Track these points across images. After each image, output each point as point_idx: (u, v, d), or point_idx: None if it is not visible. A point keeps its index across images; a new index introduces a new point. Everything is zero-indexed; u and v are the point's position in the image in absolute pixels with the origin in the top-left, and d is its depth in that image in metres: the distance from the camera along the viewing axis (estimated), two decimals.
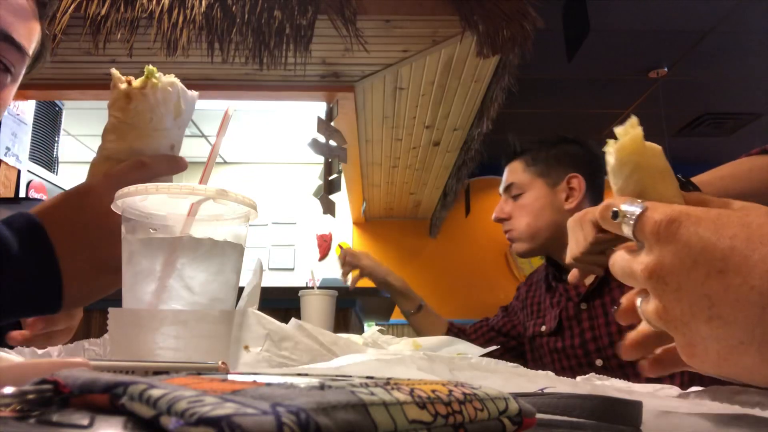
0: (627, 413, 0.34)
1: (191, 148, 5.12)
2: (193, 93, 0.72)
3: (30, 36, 0.71)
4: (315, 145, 2.84)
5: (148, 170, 0.66)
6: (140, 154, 0.67)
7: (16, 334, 0.73)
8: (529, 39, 2.32)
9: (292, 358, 0.59)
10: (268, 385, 0.21)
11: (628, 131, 0.54)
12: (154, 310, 0.49)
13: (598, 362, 1.26)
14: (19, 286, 0.57)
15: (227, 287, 0.52)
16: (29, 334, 0.73)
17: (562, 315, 1.40)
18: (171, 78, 0.68)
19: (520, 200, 1.41)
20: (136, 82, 0.66)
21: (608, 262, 0.43)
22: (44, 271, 0.59)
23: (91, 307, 0.72)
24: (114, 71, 0.68)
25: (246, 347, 0.57)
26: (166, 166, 0.69)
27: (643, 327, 0.44)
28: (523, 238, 1.41)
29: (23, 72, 0.74)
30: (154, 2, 2.30)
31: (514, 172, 1.44)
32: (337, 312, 2.57)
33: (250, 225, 0.55)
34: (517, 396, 0.28)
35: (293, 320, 0.67)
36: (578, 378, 0.61)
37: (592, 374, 0.63)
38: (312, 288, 1.63)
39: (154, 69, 0.67)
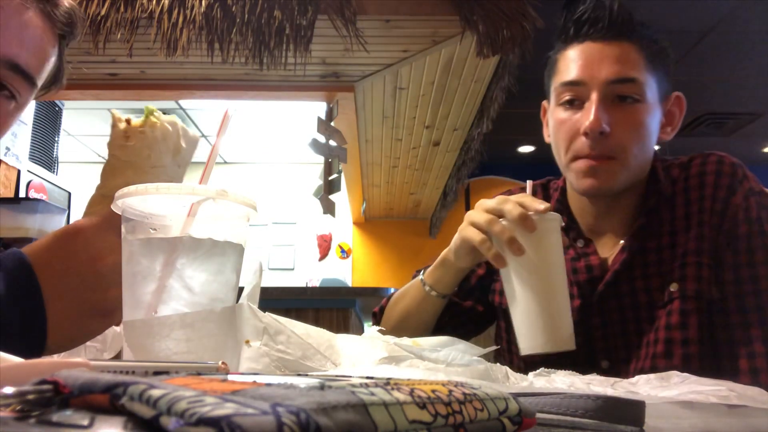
0: (629, 413, 0.34)
1: None
2: (195, 134, 0.72)
3: (40, 64, 0.69)
4: (315, 145, 2.84)
5: None
6: None
7: None
8: (529, 39, 2.32)
9: (288, 352, 0.59)
10: (268, 385, 0.21)
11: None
12: (162, 317, 0.48)
13: (604, 364, 0.92)
14: (1, 328, 0.56)
15: (227, 287, 0.52)
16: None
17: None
18: (172, 117, 0.69)
19: (632, 110, 0.88)
20: (136, 122, 0.66)
21: None
22: (29, 316, 0.58)
23: None
24: (114, 111, 0.69)
25: (247, 342, 0.57)
26: None
27: None
28: (631, 167, 0.89)
29: (30, 99, 0.71)
30: (154, 2, 2.30)
31: (634, 62, 0.87)
32: (337, 312, 2.57)
33: (250, 225, 0.55)
34: (517, 396, 0.28)
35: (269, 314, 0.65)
36: (530, 374, 0.59)
37: (569, 372, 0.60)
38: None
39: (154, 108, 0.67)
